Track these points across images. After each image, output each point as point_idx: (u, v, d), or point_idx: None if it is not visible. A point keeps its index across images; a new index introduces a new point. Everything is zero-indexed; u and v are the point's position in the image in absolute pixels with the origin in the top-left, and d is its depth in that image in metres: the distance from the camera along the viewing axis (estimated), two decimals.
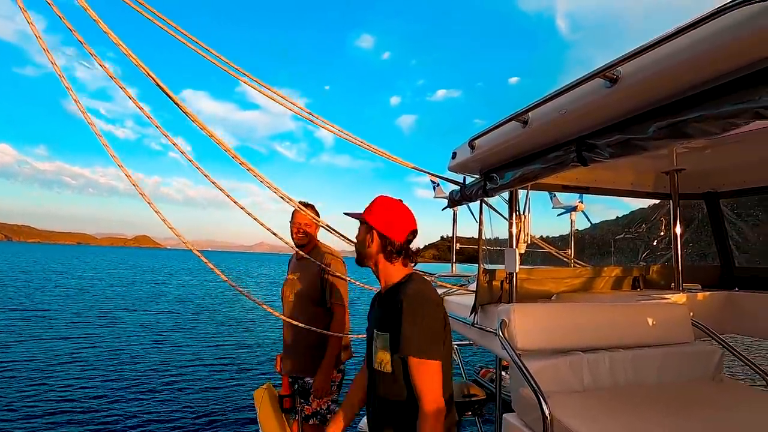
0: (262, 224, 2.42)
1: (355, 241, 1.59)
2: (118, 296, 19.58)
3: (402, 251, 1.48)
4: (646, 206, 3.93)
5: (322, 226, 2.70)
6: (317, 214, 2.73)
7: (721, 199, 3.40)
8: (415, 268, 1.65)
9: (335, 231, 2.70)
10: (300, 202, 2.67)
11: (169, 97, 1.91)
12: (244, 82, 2.42)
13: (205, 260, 2.08)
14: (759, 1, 0.97)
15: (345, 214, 1.62)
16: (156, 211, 1.78)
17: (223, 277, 2.21)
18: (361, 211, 1.56)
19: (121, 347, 9.58)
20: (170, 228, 1.88)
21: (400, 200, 1.55)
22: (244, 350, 9.60)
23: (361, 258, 1.55)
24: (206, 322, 13.46)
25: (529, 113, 1.82)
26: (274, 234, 2.58)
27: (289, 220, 2.74)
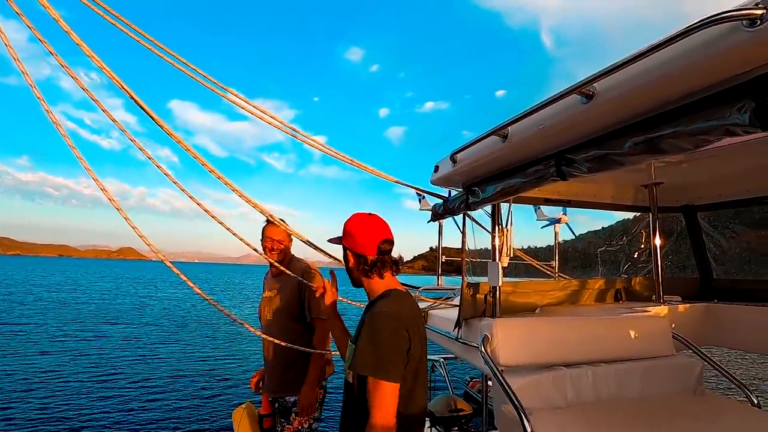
0: (240, 238, 2.37)
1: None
2: (99, 310, 19.06)
3: (375, 265, 1.45)
4: (631, 217, 3.99)
5: (302, 240, 2.64)
6: (286, 235, 2.65)
7: (698, 212, 3.47)
8: (401, 280, 1.64)
9: (312, 244, 2.65)
10: (267, 220, 2.60)
11: (145, 111, 1.87)
12: (229, 100, 2.41)
13: (177, 272, 2.02)
14: (728, 21, 0.99)
15: (329, 241, 1.62)
16: (125, 218, 1.72)
17: (198, 291, 2.14)
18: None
19: (98, 363, 9.26)
20: (141, 236, 1.82)
21: (372, 214, 1.53)
22: (223, 367, 9.35)
23: (351, 280, 1.55)
24: (186, 337, 13.13)
25: (509, 128, 1.83)
26: (255, 249, 2.52)
27: (260, 237, 2.65)
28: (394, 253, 1.52)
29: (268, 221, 2.61)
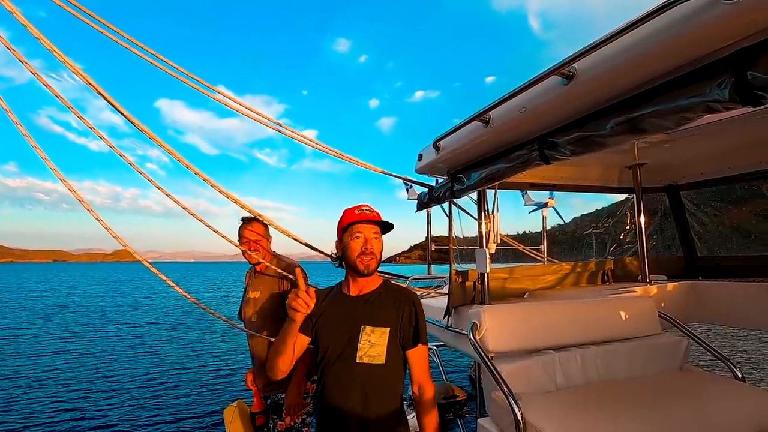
0: (223, 236, 2.31)
1: (372, 249, 1.58)
2: (91, 314, 18.85)
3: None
4: (624, 198, 4.01)
5: (289, 237, 2.59)
6: (266, 228, 2.60)
7: (681, 191, 3.50)
8: (393, 271, 1.76)
9: (298, 239, 2.61)
10: (247, 218, 2.54)
11: (123, 115, 1.80)
12: (216, 99, 2.39)
13: (156, 272, 1.97)
14: None
15: (386, 222, 1.64)
16: (98, 219, 1.66)
17: (180, 291, 2.10)
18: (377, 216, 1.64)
19: (91, 364, 9.16)
20: (115, 237, 1.76)
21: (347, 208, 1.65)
22: (215, 365, 9.29)
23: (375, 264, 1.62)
24: (178, 335, 13.02)
25: (491, 112, 1.80)
26: (237, 245, 2.47)
27: (239, 238, 2.58)
28: (387, 245, 1.68)
29: (243, 220, 2.55)
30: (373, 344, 1.51)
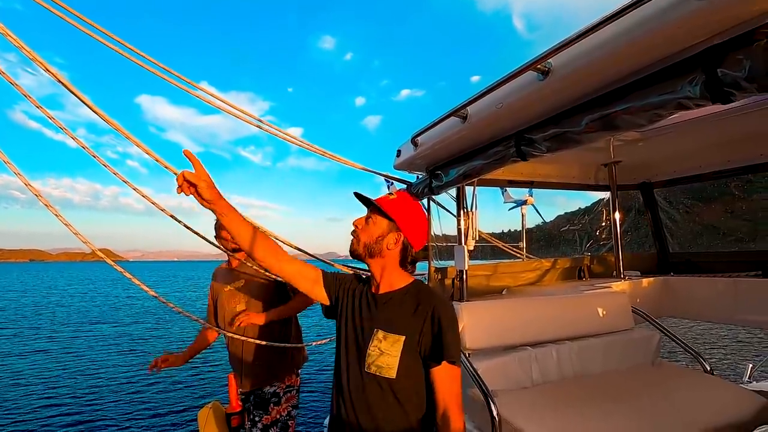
0: (199, 234, 2.24)
1: (356, 227, 1.40)
2: (72, 313, 18.36)
3: (415, 261, 1.42)
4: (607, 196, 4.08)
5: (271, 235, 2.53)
6: None
7: (655, 188, 3.58)
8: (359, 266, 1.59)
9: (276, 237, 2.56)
10: None
11: (97, 113, 1.71)
12: (198, 96, 2.32)
13: (129, 276, 1.89)
14: None
15: (356, 193, 1.42)
16: (56, 215, 1.58)
17: (151, 293, 2.02)
18: (373, 199, 1.39)
19: (57, 364, 8.88)
20: (75, 233, 1.67)
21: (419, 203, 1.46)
22: (188, 366, 9.09)
23: (369, 252, 1.36)
24: (155, 335, 12.73)
25: (468, 108, 1.78)
26: (212, 242, 2.40)
27: (216, 232, 2.52)
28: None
29: None
30: (382, 353, 1.27)
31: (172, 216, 2.01)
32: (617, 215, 3.34)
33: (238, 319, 2.35)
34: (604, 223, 3.94)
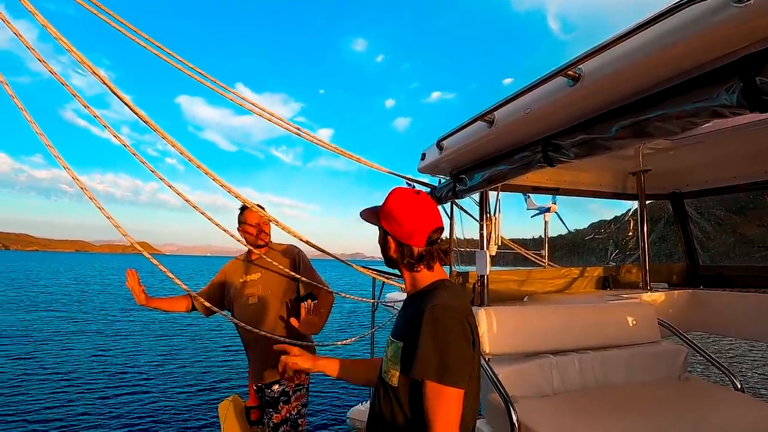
0: (224, 229, 2.31)
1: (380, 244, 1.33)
2: (113, 302, 19.32)
3: (423, 258, 1.22)
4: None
5: (280, 225, 2.59)
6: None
7: (685, 198, 3.48)
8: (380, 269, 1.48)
9: (291, 230, 2.60)
10: (246, 207, 2.55)
11: (135, 113, 1.80)
12: (232, 99, 2.42)
13: (155, 262, 1.97)
14: None
15: (362, 215, 1.36)
16: (99, 207, 1.66)
17: (183, 286, 2.10)
18: (378, 207, 1.30)
19: (82, 355, 9.22)
20: (116, 226, 1.76)
21: (420, 193, 1.27)
22: (209, 360, 9.30)
23: (387, 263, 1.33)
24: (176, 329, 13.07)
25: (495, 113, 1.78)
26: (234, 237, 2.47)
27: (239, 225, 2.58)
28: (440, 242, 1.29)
29: (243, 209, 2.56)
30: (388, 359, 1.21)
31: (205, 215, 2.08)
32: (645, 226, 3.26)
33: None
34: (631, 233, 3.84)
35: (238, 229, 2.55)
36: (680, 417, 1.74)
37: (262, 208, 2.49)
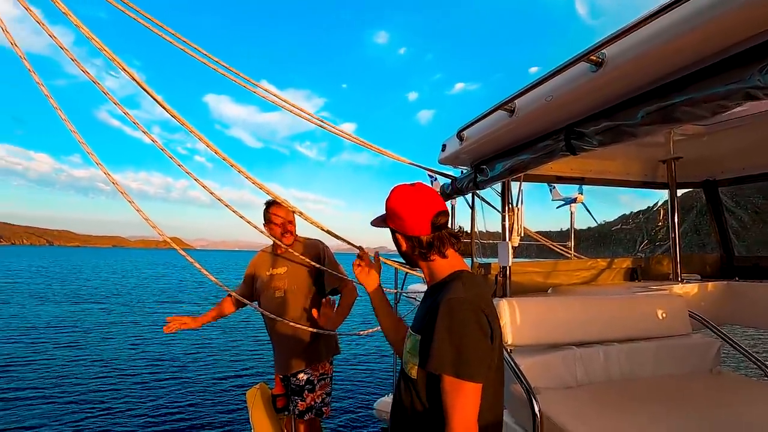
0: (254, 225, 2.37)
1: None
2: (124, 294, 20.18)
3: (433, 245, 1.22)
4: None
5: (312, 222, 2.63)
6: (291, 213, 2.65)
7: (719, 187, 3.33)
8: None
9: (319, 224, 2.64)
10: (273, 201, 2.60)
11: (166, 110, 1.87)
12: (259, 94, 2.47)
13: (186, 255, 2.05)
14: None
15: (372, 224, 1.39)
16: (138, 210, 1.74)
17: (212, 278, 2.18)
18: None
19: (113, 345, 9.70)
20: (153, 227, 1.84)
21: (415, 184, 1.28)
22: (237, 349, 9.63)
23: (407, 263, 1.36)
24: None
25: (516, 101, 1.75)
26: (261, 231, 2.53)
27: (265, 222, 2.59)
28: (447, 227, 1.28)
29: (269, 203, 2.61)
30: (407, 352, 1.22)
31: (230, 208, 2.14)
32: (676, 215, 3.15)
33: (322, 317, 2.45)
34: (660, 223, 3.72)
35: (264, 224, 2.61)
36: (711, 410, 1.69)
37: (292, 207, 2.55)
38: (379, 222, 1.34)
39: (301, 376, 2.60)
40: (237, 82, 2.33)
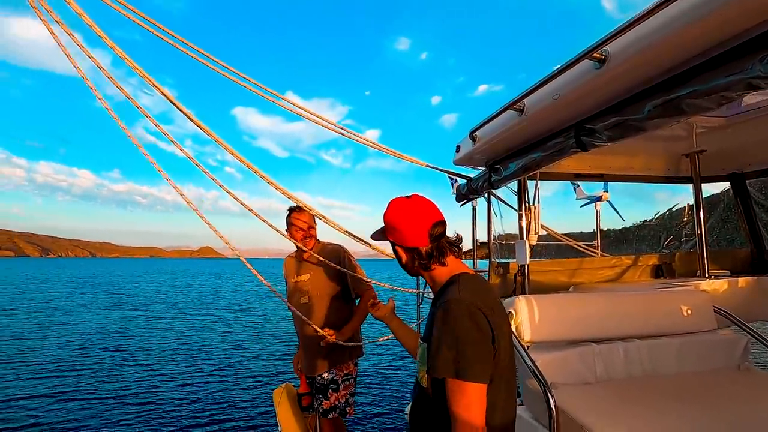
0: (278, 230, 2.47)
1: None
2: (169, 303, 21.03)
3: (432, 255, 1.23)
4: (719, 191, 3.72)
5: (341, 231, 2.72)
6: (312, 217, 2.73)
7: (747, 179, 3.22)
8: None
9: (345, 230, 2.72)
10: (295, 207, 2.69)
11: (195, 123, 2.00)
12: (283, 106, 2.60)
13: (249, 266, 2.22)
14: None
15: (372, 238, 1.41)
16: (208, 223, 1.89)
17: (265, 282, 2.31)
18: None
19: (145, 346, 10.19)
20: (221, 237, 1.96)
21: (411, 197, 1.31)
22: (265, 350, 9.93)
23: (409, 274, 1.37)
24: (233, 322, 13.99)
25: (525, 100, 1.79)
26: (285, 236, 2.63)
27: (287, 227, 2.69)
28: (451, 233, 1.30)
29: (291, 209, 2.70)
30: (418, 361, 1.22)
31: (254, 213, 2.26)
32: (701, 210, 3.06)
33: (326, 337, 2.51)
34: (685, 218, 3.61)
35: (286, 229, 2.71)
36: (738, 408, 1.65)
37: (312, 209, 2.65)
38: (378, 235, 1.36)
39: (326, 375, 2.67)
40: (262, 95, 2.45)
